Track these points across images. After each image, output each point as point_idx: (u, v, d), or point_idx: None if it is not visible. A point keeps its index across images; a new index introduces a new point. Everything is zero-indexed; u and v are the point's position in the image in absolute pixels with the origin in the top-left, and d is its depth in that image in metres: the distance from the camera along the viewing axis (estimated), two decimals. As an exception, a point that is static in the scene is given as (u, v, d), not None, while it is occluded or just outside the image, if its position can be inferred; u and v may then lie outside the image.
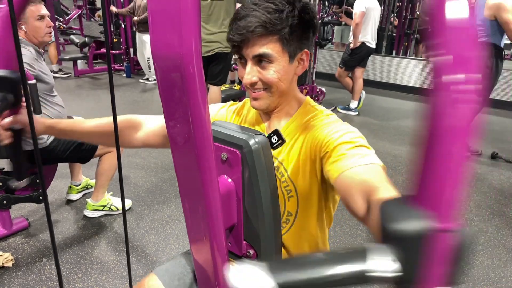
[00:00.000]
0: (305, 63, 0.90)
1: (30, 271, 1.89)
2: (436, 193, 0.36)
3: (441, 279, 0.37)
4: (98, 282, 1.84)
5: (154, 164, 3.13)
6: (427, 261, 0.37)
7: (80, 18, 9.25)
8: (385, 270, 0.38)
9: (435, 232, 0.36)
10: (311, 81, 4.83)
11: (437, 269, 0.37)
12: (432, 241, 0.36)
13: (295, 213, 0.94)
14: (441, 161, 0.35)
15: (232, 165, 0.73)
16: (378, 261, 0.38)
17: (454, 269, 0.37)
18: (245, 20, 0.81)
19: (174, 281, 1.02)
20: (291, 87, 0.91)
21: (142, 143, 1.05)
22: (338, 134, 0.83)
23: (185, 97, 0.51)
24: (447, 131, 0.34)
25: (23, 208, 2.37)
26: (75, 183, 2.56)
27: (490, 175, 3.22)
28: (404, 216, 0.37)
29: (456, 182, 0.35)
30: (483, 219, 2.54)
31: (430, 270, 0.37)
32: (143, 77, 6.26)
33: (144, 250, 2.07)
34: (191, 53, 0.48)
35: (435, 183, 0.36)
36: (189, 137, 0.54)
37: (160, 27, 0.48)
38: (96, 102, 4.92)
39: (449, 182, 0.35)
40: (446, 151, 0.35)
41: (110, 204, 2.36)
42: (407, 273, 0.38)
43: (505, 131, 4.44)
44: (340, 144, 0.80)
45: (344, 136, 0.82)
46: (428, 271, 0.37)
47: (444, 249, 0.36)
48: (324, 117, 0.92)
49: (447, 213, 0.36)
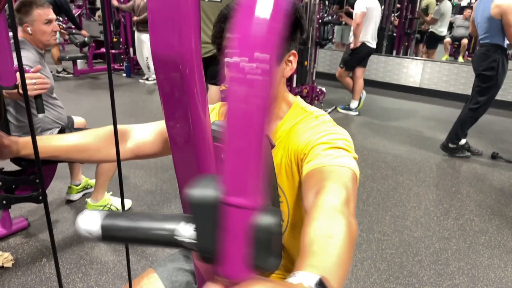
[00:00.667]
0: (293, 65, 0.88)
1: (29, 271, 1.88)
2: (231, 170, 0.36)
3: (242, 257, 0.37)
4: (98, 282, 1.84)
5: (154, 164, 3.13)
6: (222, 235, 0.37)
7: (80, 18, 9.26)
8: (185, 235, 0.40)
9: (226, 205, 0.36)
10: (311, 81, 4.82)
11: (233, 245, 0.37)
12: (224, 214, 0.36)
13: (287, 218, 0.94)
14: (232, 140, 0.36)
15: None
16: (186, 227, 0.40)
17: (256, 251, 0.37)
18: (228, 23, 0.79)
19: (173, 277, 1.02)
20: (280, 89, 0.90)
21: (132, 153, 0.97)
22: (318, 136, 0.82)
23: (185, 97, 0.51)
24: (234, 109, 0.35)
25: (23, 208, 2.37)
26: (75, 183, 2.56)
27: (491, 175, 3.22)
28: (200, 185, 0.39)
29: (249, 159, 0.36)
30: (483, 219, 2.54)
31: (226, 245, 0.37)
32: (143, 77, 6.27)
33: (144, 250, 2.07)
34: (191, 53, 0.48)
35: (232, 160, 0.36)
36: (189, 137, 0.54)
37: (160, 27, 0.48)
38: (96, 102, 4.92)
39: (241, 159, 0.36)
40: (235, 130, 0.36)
41: (110, 204, 2.36)
42: (200, 240, 0.39)
43: (505, 131, 4.44)
44: (318, 144, 0.80)
45: (324, 137, 0.81)
46: (225, 246, 0.37)
47: (238, 226, 0.36)
48: (313, 119, 0.90)
49: (241, 190, 0.36)
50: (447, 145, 3.57)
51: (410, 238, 2.30)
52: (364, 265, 2.04)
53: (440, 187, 2.98)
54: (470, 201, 2.77)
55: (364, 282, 1.92)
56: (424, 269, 2.03)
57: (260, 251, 0.37)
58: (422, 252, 2.17)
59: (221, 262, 0.38)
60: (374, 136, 4.05)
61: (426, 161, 3.47)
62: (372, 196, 2.78)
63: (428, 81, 5.99)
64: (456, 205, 2.71)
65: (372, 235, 2.31)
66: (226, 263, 0.38)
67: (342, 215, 0.56)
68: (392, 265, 2.05)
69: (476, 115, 3.41)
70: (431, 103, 5.53)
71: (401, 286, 1.91)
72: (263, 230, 0.36)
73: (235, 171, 0.36)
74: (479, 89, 3.34)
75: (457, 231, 2.39)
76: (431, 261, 2.10)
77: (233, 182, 0.36)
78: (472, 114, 3.41)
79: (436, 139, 3.79)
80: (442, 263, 2.09)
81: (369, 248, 2.18)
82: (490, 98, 3.34)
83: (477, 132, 4.29)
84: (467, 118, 3.44)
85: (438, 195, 2.86)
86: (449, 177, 3.17)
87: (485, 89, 3.30)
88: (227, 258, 0.38)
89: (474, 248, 2.23)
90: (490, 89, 3.30)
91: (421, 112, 5.06)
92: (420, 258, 2.12)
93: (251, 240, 0.37)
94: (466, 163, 3.45)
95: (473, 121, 3.46)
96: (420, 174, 3.19)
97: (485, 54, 3.23)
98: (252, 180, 0.36)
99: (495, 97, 3.36)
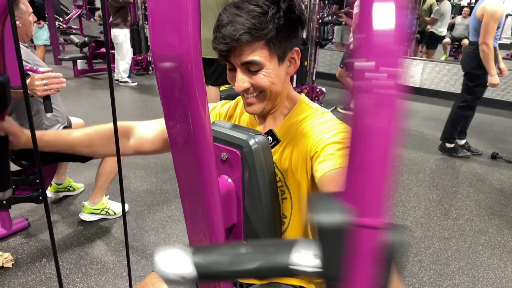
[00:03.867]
0: (296, 62, 0.88)
1: (30, 271, 1.88)
2: (360, 189, 0.34)
3: (369, 279, 0.36)
4: (98, 282, 1.84)
5: (154, 164, 3.13)
6: (350, 258, 0.35)
7: (80, 18, 9.26)
8: (307, 264, 0.38)
9: (356, 227, 0.34)
10: (311, 81, 4.82)
11: (363, 268, 0.35)
12: (353, 237, 0.34)
13: (289, 215, 0.94)
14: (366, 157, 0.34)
15: (232, 165, 0.73)
16: (303, 255, 0.38)
17: (383, 270, 0.35)
18: (229, 28, 0.77)
19: None
20: (284, 87, 0.90)
21: (134, 150, 1.00)
22: (329, 134, 0.82)
23: (185, 97, 0.51)
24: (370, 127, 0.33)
25: (23, 208, 2.37)
26: (57, 182, 2.52)
27: (491, 175, 3.22)
28: (323, 209, 0.36)
29: (381, 178, 0.34)
30: (483, 219, 2.54)
31: (354, 269, 0.35)
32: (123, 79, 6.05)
33: (144, 251, 2.07)
34: (191, 53, 0.48)
35: (359, 178, 0.34)
36: (189, 137, 0.54)
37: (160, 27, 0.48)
38: (96, 102, 4.92)
39: (373, 178, 0.34)
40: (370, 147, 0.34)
41: (107, 208, 2.32)
42: (326, 268, 0.37)
43: (505, 131, 4.43)
44: (330, 144, 0.79)
45: (335, 136, 0.81)
46: (353, 269, 0.35)
47: (369, 248, 0.34)
48: (319, 116, 0.90)
49: (372, 209, 0.34)
50: (444, 145, 3.59)
51: (410, 238, 2.30)
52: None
53: (440, 187, 2.98)
54: (470, 201, 2.77)
55: (364, 282, 1.92)
56: (424, 269, 2.03)
57: (387, 270, 0.35)
58: (422, 252, 2.17)
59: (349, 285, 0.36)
60: (374, 136, 4.04)
61: (426, 161, 3.47)
62: (372, 196, 2.77)
63: (428, 81, 5.98)
64: (456, 205, 2.71)
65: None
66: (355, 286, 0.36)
67: None
68: (392, 265, 2.05)
69: (465, 113, 3.45)
70: (431, 103, 5.52)
71: (401, 286, 1.91)
72: (393, 249, 0.35)
73: (367, 190, 0.34)
74: (467, 87, 3.39)
75: (457, 231, 2.39)
76: (431, 261, 2.10)
77: (365, 202, 0.34)
78: (461, 113, 3.45)
79: (436, 139, 3.79)
80: (442, 263, 2.09)
81: (369, 248, 2.18)
82: (478, 97, 3.38)
83: (477, 132, 4.29)
84: (457, 116, 3.48)
85: (438, 195, 2.86)
86: (449, 177, 3.17)
87: (472, 87, 3.35)
88: (355, 281, 0.36)
89: (474, 248, 2.23)
90: (477, 88, 3.34)
91: (421, 112, 5.06)
92: (420, 258, 2.12)
93: (380, 260, 0.35)
94: (466, 163, 3.45)
95: (464, 119, 3.49)
96: (420, 174, 3.19)
97: (473, 53, 3.27)
98: (383, 199, 0.34)
99: (482, 95, 3.40)
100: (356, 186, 0.34)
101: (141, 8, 6.58)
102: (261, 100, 0.87)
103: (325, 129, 0.84)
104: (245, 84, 0.84)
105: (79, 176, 2.77)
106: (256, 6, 0.78)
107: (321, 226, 0.35)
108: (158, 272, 0.40)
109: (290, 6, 0.80)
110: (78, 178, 2.73)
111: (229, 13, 0.79)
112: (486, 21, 3.00)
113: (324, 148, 0.80)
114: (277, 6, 0.79)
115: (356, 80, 0.33)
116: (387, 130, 0.33)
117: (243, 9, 0.78)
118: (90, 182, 2.67)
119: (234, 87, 0.85)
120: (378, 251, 0.34)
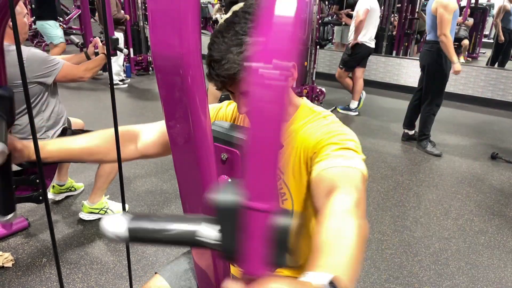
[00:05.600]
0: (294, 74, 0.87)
1: (30, 271, 1.89)
2: (251, 175, 0.39)
3: (260, 255, 0.40)
4: (98, 282, 1.84)
5: (154, 164, 3.13)
6: (244, 236, 0.40)
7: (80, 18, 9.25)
8: (209, 236, 0.44)
9: (247, 209, 0.39)
10: (311, 81, 4.82)
11: (255, 246, 0.40)
12: (245, 217, 0.39)
13: None
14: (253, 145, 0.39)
15: (232, 165, 0.73)
16: (208, 229, 0.44)
17: (274, 250, 0.40)
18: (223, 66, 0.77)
19: (180, 281, 1.01)
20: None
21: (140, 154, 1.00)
22: (329, 135, 0.83)
23: (185, 97, 0.51)
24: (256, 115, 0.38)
25: (23, 208, 2.37)
26: (59, 183, 2.52)
27: (490, 175, 3.22)
28: (223, 191, 0.42)
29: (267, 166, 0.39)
30: (483, 219, 2.54)
31: (248, 246, 0.40)
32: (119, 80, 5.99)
33: (144, 250, 2.07)
34: (191, 53, 0.48)
35: (251, 165, 0.39)
36: (189, 137, 0.54)
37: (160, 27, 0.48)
38: (96, 102, 4.92)
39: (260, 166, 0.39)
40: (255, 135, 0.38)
41: (106, 207, 2.32)
42: (224, 242, 0.43)
43: (505, 131, 4.44)
44: (328, 144, 0.81)
45: (334, 137, 0.82)
46: (246, 246, 0.40)
47: (258, 228, 0.39)
48: (322, 119, 0.91)
49: (259, 195, 0.39)
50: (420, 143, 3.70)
51: (410, 238, 2.30)
52: (364, 265, 2.04)
53: (439, 187, 2.98)
54: (469, 201, 2.77)
55: (364, 282, 1.92)
56: (424, 269, 2.03)
57: (278, 249, 0.40)
58: (422, 252, 2.17)
59: (243, 261, 0.41)
60: (374, 136, 4.05)
61: (425, 161, 3.47)
62: (371, 196, 2.78)
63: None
64: (456, 205, 2.71)
65: (372, 235, 2.31)
66: (247, 262, 0.41)
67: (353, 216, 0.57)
68: (392, 265, 2.05)
69: (433, 110, 3.56)
70: (431, 103, 5.53)
71: (401, 286, 1.91)
72: (279, 231, 0.40)
73: (256, 177, 0.39)
74: (426, 85, 3.51)
75: (457, 231, 2.40)
76: (431, 261, 2.10)
77: (254, 188, 0.39)
78: (429, 110, 3.56)
79: (435, 139, 3.79)
80: (441, 263, 2.09)
81: (369, 248, 2.18)
82: (439, 94, 3.49)
83: (477, 132, 4.29)
84: (426, 115, 3.60)
85: (437, 195, 2.86)
86: (449, 177, 3.17)
87: (433, 84, 3.46)
88: (248, 257, 0.41)
89: (474, 248, 2.23)
90: (436, 85, 3.45)
91: (421, 112, 5.06)
92: (420, 258, 2.12)
93: (269, 240, 0.40)
94: (465, 163, 3.45)
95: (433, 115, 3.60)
96: (420, 174, 3.19)
97: (429, 51, 3.39)
98: (270, 186, 0.39)
99: (443, 91, 3.50)
100: (247, 173, 0.39)
101: (141, 8, 6.57)
102: None
103: (325, 131, 0.85)
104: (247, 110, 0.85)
105: (79, 176, 2.77)
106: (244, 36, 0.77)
107: (217, 204, 0.42)
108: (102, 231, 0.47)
109: None
110: (78, 178, 2.73)
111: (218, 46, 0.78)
112: (441, 13, 3.11)
113: (321, 149, 0.81)
114: None
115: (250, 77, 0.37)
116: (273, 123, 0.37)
117: (232, 41, 0.77)
118: (90, 181, 2.67)
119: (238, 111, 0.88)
120: (267, 231, 0.40)
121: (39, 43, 8.60)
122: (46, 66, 1.91)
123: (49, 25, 5.63)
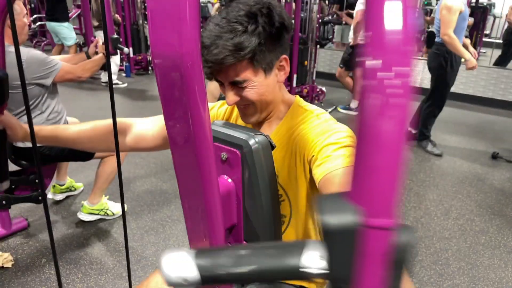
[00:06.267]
0: (286, 69, 0.88)
1: (29, 272, 1.88)
2: (369, 189, 0.33)
3: (379, 281, 0.35)
4: (98, 283, 1.84)
5: (154, 164, 3.13)
6: (359, 260, 0.34)
7: (80, 17, 9.25)
8: (315, 266, 0.36)
9: (365, 228, 0.33)
10: (311, 81, 4.82)
11: (372, 270, 0.34)
12: (363, 238, 0.33)
13: (289, 215, 0.94)
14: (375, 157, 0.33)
15: (232, 165, 0.73)
16: (312, 258, 0.37)
17: (393, 272, 0.34)
18: (211, 51, 0.77)
19: None
20: (276, 94, 0.90)
21: (130, 147, 1.01)
22: (324, 136, 0.82)
23: (185, 97, 0.50)
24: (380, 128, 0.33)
25: (23, 208, 2.36)
26: (59, 183, 2.52)
27: (491, 175, 3.22)
28: (331, 209, 0.35)
29: (391, 178, 0.33)
30: (483, 219, 2.54)
31: (364, 270, 0.35)
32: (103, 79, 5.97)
33: (144, 251, 2.07)
34: (191, 53, 0.47)
35: (369, 178, 0.33)
36: (189, 137, 0.54)
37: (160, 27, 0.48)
38: (96, 102, 4.92)
39: (383, 178, 0.33)
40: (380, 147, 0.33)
41: (106, 208, 2.31)
42: (334, 270, 0.36)
43: (506, 131, 4.43)
44: (326, 145, 0.80)
45: (331, 137, 0.81)
46: (362, 271, 0.35)
47: (379, 249, 0.34)
48: (314, 118, 0.90)
49: (382, 210, 0.33)
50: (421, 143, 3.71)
51: (410, 238, 2.29)
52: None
53: (440, 187, 2.98)
54: (470, 201, 2.77)
55: (364, 282, 1.92)
56: (424, 269, 2.03)
57: (396, 271, 0.34)
58: (422, 252, 2.17)
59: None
60: (374, 136, 4.04)
61: (426, 160, 3.47)
62: (372, 196, 2.77)
63: (428, 81, 5.98)
64: (457, 205, 2.71)
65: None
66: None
67: None
68: (392, 265, 2.05)
69: (434, 112, 3.57)
70: (431, 103, 5.53)
71: (401, 286, 1.91)
72: (401, 249, 0.34)
73: (377, 190, 0.33)
74: (431, 85, 3.54)
75: (458, 231, 2.39)
76: (431, 261, 2.10)
77: (375, 203, 0.33)
78: (430, 111, 3.57)
79: (435, 139, 3.78)
80: (442, 263, 2.08)
81: (369, 248, 2.18)
82: (442, 96, 3.49)
83: (477, 132, 4.29)
84: (427, 115, 3.60)
85: (438, 195, 2.86)
86: (449, 177, 3.17)
87: (436, 87, 3.48)
88: (364, 283, 0.35)
89: (475, 248, 2.23)
90: (440, 87, 3.46)
91: (421, 112, 5.06)
92: (421, 258, 2.12)
93: (389, 261, 0.34)
94: (466, 163, 3.45)
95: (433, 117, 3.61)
96: (420, 174, 3.19)
97: (435, 53, 3.39)
98: (393, 199, 0.33)
99: (446, 95, 3.50)
100: (365, 186, 0.33)
101: (141, 8, 6.56)
102: (254, 111, 0.89)
103: (320, 132, 0.84)
104: (235, 99, 0.86)
105: (79, 176, 2.77)
106: (236, 23, 0.77)
107: (329, 227, 0.34)
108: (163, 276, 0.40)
109: (269, 18, 0.79)
110: (77, 177, 2.73)
111: (209, 33, 0.78)
112: (443, 14, 3.13)
113: (320, 151, 0.80)
114: (255, 22, 0.78)
115: (366, 80, 0.32)
116: (397, 130, 0.32)
117: (223, 28, 0.77)
118: (89, 181, 2.67)
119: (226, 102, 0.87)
120: (388, 252, 0.33)
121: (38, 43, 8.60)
122: (44, 68, 1.91)
123: (65, 27, 5.70)
